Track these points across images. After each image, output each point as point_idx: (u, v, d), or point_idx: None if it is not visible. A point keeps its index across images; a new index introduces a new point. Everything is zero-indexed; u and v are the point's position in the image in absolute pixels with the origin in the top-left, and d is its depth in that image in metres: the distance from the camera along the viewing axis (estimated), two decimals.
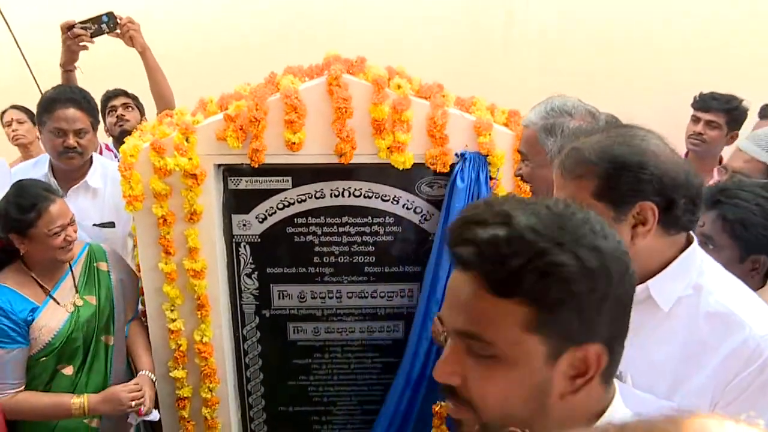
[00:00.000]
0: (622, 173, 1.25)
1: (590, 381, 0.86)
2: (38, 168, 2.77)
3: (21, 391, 2.24)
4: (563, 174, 1.33)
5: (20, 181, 2.32)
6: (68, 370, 2.32)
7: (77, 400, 2.27)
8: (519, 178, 2.12)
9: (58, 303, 2.31)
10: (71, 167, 2.70)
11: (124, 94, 3.77)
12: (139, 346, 2.57)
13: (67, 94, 2.66)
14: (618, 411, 0.92)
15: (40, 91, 3.21)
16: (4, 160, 2.82)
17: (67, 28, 2.85)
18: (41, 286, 2.30)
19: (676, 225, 1.29)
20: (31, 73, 3.25)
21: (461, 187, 2.37)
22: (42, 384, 2.30)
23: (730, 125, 3.27)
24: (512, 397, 0.85)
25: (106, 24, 2.88)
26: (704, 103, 3.34)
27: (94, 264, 2.45)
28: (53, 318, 2.27)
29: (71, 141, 2.61)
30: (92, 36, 2.88)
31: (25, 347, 2.22)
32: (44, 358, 2.27)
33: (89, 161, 2.79)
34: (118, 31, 2.91)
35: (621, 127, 1.42)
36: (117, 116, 3.69)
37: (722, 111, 3.28)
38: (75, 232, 2.29)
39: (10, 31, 3.18)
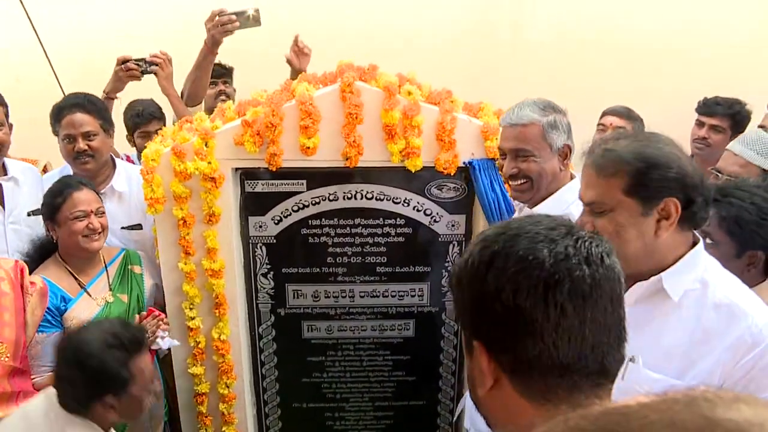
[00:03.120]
0: (651, 171, 1.41)
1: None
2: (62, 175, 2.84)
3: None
4: (597, 172, 1.49)
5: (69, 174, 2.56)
6: None
7: None
8: (512, 177, 2.13)
9: (91, 296, 2.42)
10: (88, 173, 2.75)
11: (157, 119, 3.59)
12: None
13: (71, 101, 2.76)
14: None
15: (63, 91, 3.30)
16: (35, 167, 2.92)
17: (122, 61, 3.06)
18: (77, 280, 2.42)
19: (691, 221, 1.45)
20: (57, 79, 3.35)
21: (480, 194, 2.48)
22: None
23: (734, 129, 3.32)
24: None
25: (148, 65, 3.10)
26: (708, 107, 3.40)
27: (129, 267, 2.58)
28: (85, 310, 2.40)
29: (81, 145, 2.70)
30: (142, 73, 3.10)
31: (60, 332, 2.35)
32: None
33: (112, 166, 2.88)
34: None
35: (645, 133, 1.60)
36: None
37: (726, 115, 3.34)
38: (101, 223, 2.40)
39: (38, 37, 3.28)
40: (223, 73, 3.77)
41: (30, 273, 2.38)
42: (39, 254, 2.48)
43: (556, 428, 0.43)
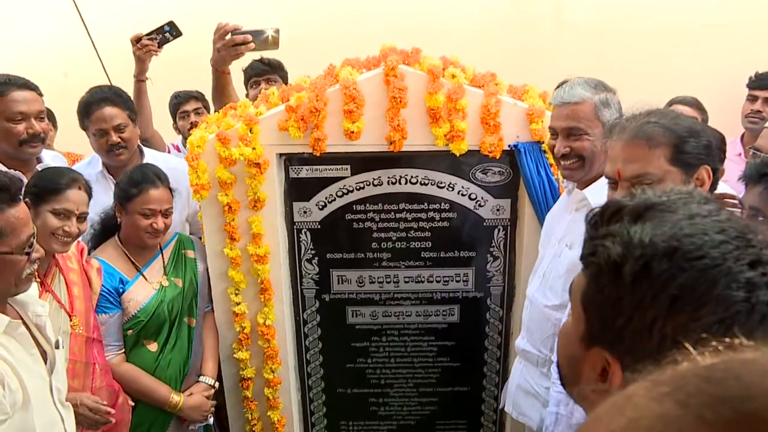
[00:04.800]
0: (691, 140, 1.51)
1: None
2: (92, 167, 2.89)
3: (122, 354, 2.43)
4: (643, 144, 1.54)
5: (148, 163, 2.62)
6: (153, 347, 2.48)
7: (176, 398, 2.48)
8: (564, 157, 2.06)
9: (147, 280, 2.46)
10: (120, 163, 2.79)
11: (195, 98, 3.73)
12: (208, 348, 2.69)
13: (99, 95, 2.78)
14: None
15: (111, 84, 3.35)
16: (63, 157, 2.97)
17: (136, 40, 2.96)
18: (133, 263, 2.47)
19: (712, 190, 1.57)
20: (106, 73, 3.40)
21: (526, 177, 2.46)
22: (127, 356, 2.46)
23: None
24: None
25: (169, 32, 2.96)
26: (761, 81, 3.39)
27: (182, 251, 2.62)
28: (141, 293, 2.44)
29: (114, 138, 2.73)
30: (159, 45, 2.97)
31: (121, 312, 2.41)
32: (130, 331, 2.43)
33: (140, 154, 2.92)
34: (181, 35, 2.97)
35: (664, 109, 1.72)
36: (191, 123, 3.64)
37: None
38: (165, 224, 2.44)
39: (87, 31, 3.33)
40: (265, 71, 3.49)
41: (94, 247, 2.51)
42: (102, 228, 2.56)
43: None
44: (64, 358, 1.98)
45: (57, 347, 1.81)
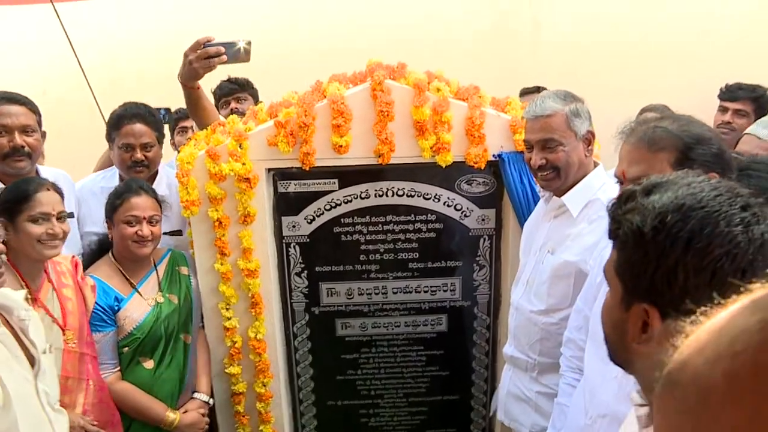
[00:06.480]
0: (698, 147, 1.53)
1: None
2: (107, 181, 2.90)
3: (118, 372, 2.43)
4: (647, 147, 1.58)
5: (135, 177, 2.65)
6: (149, 364, 2.47)
7: (172, 416, 2.48)
8: (540, 168, 2.13)
9: (142, 296, 2.48)
10: (130, 178, 2.79)
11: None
12: (201, 365, 2.70)
13: (133, 110, 2.81)
14: None
15: (97, 103, 3.37)
16: (66, 173, 2.98)
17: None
18: (128, 280, 2.47)
19: None
20: (92, 91, 3.42)
21: (509, 187, 2.52)
22: (123, 374, 2.46)
23: (757, 113, 3.40)
24: None
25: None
26: (731, 93, 3.50)
27: (177, 267, 2.63)
28: (137, 310, 2.45)
29: (139, 155, 2.76)
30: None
31: (116, 330, 2.41)
32: (126, 349, 2.43)
33: (155, 172, 2.94)
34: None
35: (683, 115, 1.71)
36: (188, 139, 3.48)
37: (749, 99, 3.45)
38: (152, 231, 2.44)
39: (74, 50, 3.35)
40: (234, 90, 3.49)
41: (89, 265, 2.50)
42: (99, 246, 2.57)
43: None
44: (55, 364, 1.99)
45: (45, 352, 1.82)
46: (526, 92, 3.82)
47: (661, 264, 0.93)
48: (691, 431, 0.46)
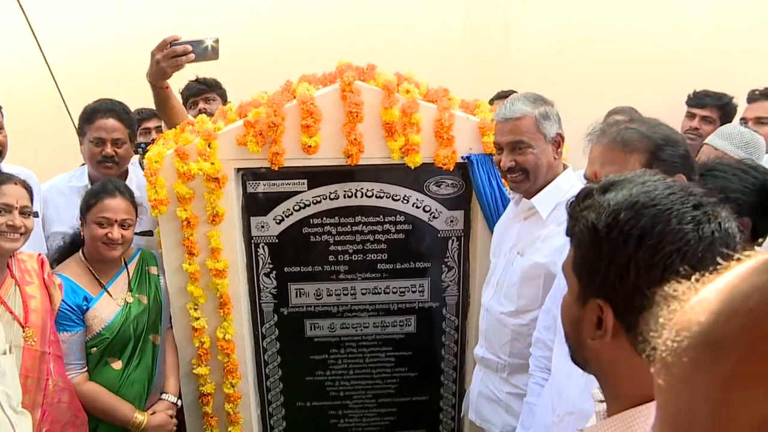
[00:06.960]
0: (668, 148, 1.57)
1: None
2: (77, 180, 2.88)
3: (85, 372, 2.41)
4: (619, 148, 1.62)
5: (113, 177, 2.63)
6: (117, 365, 2.46)
7: (140, 417, 2.46)
8: (510, 170, 2.15)
9: (111, 296, 2.46)
10: (107, 177, 2.75)
11: (156, 116, 3.53)
12: (170, 366, 2.69)
13: (107, 105, 2.79)
14: None
15: (64, 101, 3.33)
16: (32, 173, 2.94)
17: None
18: (97, 280, 2.45)
19: None
20: (58, 88, 3.38)
21: (478, 188, 2.54)
22: (90, 374, 2.44)
23: (723, 120, 3.47)
24: None
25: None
26: (699, 99, 3.56)
27: (146, 267, 2.61)
28: (106, 310, 2.43)
29: (109, 150, 2.74)
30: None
31: (83, 330, 2.39)
32: (94, 349, 2.41)
33: (125, 172, 2.91)
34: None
35: (650, 118, 1.76)
36: (152, 140, 3.46)
37: (716, 106, 3.51)
38: (123, 235, 2.42)
39: (40, 48, 3.32)
40: (202, 90, 3.47)
41: (61, 260, 2.49)
42: (70, 243, 2.55)
43: None
44: (16, 366, 1.97)
45: (5, 353, 1.80)
46: (501, 96, 3.85)
47: (614, 260, 0.94)
48: (709, 389, 0.46)
